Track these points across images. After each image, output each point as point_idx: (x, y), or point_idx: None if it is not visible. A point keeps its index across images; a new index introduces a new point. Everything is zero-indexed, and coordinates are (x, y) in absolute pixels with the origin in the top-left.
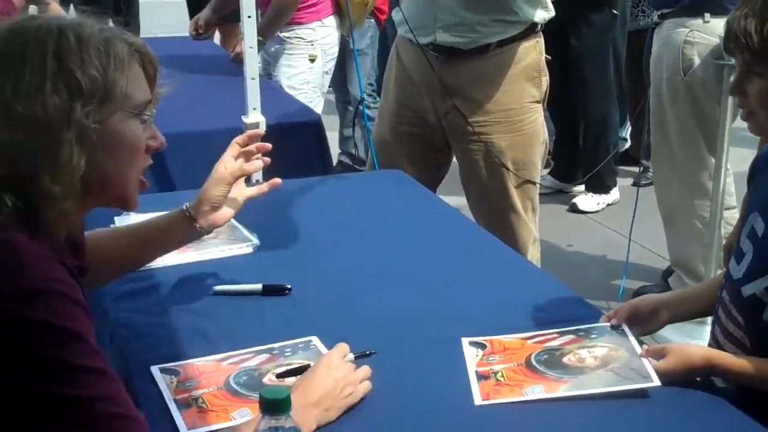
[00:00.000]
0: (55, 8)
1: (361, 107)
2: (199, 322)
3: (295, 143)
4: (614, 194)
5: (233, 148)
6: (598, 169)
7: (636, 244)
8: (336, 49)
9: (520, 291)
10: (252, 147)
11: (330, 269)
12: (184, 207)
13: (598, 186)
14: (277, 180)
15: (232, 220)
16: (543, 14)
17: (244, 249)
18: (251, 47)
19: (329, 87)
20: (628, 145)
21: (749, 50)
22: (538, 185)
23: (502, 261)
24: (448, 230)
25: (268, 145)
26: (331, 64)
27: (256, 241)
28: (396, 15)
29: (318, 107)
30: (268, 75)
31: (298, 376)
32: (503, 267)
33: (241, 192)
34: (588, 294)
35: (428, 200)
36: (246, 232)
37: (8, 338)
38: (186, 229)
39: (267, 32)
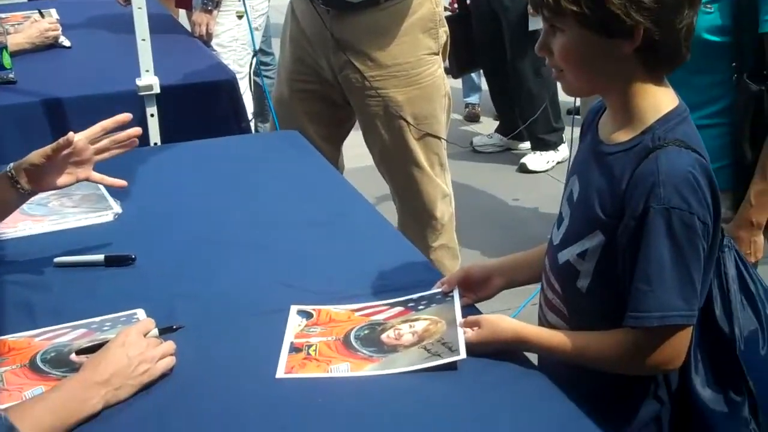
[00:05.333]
0: None
1: (255, 60)
2: (30, 296)
3: (208, 103)
4: (563, 151)
5: (92, 130)
6: (539, 128)
7: None
8: (266, 5)
9: (372, 257)
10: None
11: (185, 237)
12: (8, 168)
13: (543, 144)
14: (123, 182)
15: (99, 186)
16: None
17: (104, 218)
18: (140, 7)
19: None
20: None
21: (546, 7)
22: (443, 140)
23: (364, 227)
24: (321, 195)
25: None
26: (261, 20)
27: (117, 209)
28: None
29: (248, 65)
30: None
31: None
32: (363, 233)
33: (83, 172)
34: (523, 248)
35: (314, 164)
36: (109, 200)
37: None
38: (9, 190)
39: None
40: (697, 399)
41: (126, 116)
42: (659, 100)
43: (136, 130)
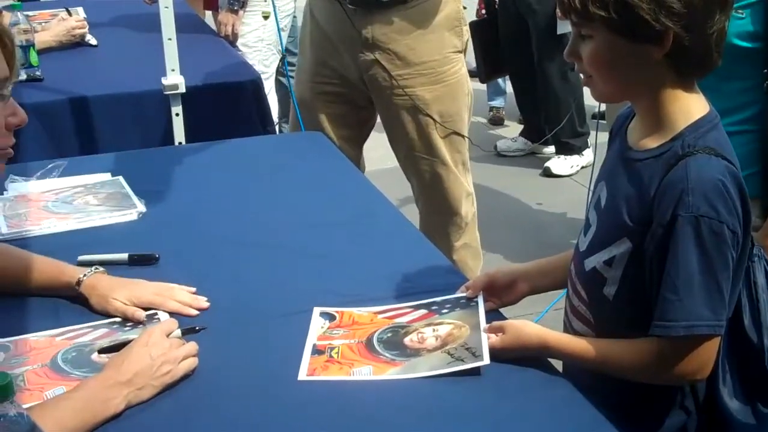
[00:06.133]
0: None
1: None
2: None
3: (233, 103)
4: (588, 155)
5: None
6: (564, 133)
7: None
8: (292, 5)
9: (395, 259)
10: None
11: (209, 237)
12: (81, 277)
13: (567, 149)
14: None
15: (123, 184)
16: None
17: (128, 216)
18: (167, 6)
19: None
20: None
21: (575, 12)
22: (467, 139)
23: (388, 229)
24: (345, 196)
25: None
26: (287, 21)
27: (142, 207)
28: None
29: (273, 65)
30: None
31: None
32: (387, 235)
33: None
34: (546, 252)
35: (338, 165)
36: (134, 199)
37: None
38: (67, 291)
39: None
40: (725, 410)
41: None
42: (690, 106)
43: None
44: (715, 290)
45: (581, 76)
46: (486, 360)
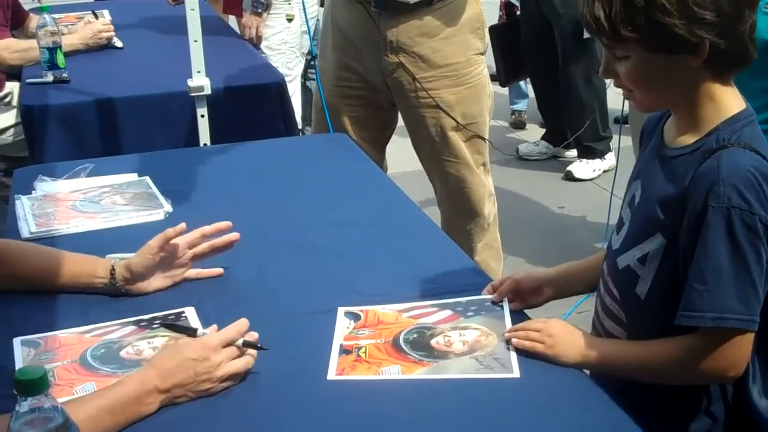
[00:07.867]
0: None
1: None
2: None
3: (256, 105)
4: (610, 159)
5: (192, 235)
6: (586, 136)
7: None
8: (316, 8)
9: (419, 260)
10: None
11: None
12: (111, 264)
13: (590, 153)
14: (220, 270)
15: (150, 184)
16: None
17: (155, 216)
18: (192, 9)
19: None
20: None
21: (604, 35)
22: (487, 141)
23: (412, 229)
24: (369, 197)
25: (235, 236)
26: (311, 23)
27: (168, 207)
28: None
29: (297, 68)
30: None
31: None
32: (411, 235)
33: (180, 275)
34: (568, 256)
35: (362, 166)
36: (160, 198)
37: None
38: (104, 284)
39: None
40: (754, 409)
41: (227, 224)
42: (726, 102)
43: (235, 236)
44: (747, 283)
45: (606, 81)
46: (516, 374)
